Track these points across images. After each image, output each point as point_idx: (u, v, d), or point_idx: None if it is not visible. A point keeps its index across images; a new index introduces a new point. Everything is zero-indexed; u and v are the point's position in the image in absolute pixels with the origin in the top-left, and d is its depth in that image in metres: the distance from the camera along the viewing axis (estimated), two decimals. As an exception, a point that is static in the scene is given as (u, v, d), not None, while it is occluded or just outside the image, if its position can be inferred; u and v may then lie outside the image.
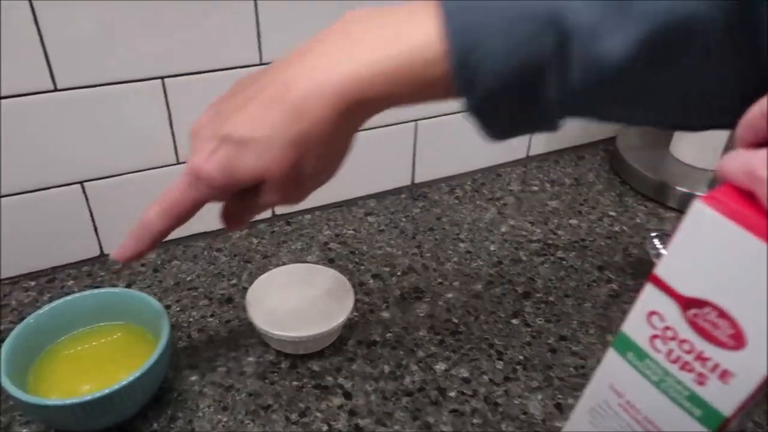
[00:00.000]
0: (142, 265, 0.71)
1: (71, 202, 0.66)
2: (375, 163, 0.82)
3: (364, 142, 0.81)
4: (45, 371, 0.52)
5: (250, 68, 0.68)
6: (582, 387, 0.57)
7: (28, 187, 0.64)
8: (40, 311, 0.53)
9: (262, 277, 0.62)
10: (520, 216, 0.82)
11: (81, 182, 0.66)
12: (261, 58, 0.68)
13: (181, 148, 0.69)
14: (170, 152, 0.69)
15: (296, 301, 0.63)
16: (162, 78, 0.64)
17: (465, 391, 0.56)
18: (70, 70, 0.60)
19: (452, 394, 0.56)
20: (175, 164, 0.69)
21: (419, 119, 0.82)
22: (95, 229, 0.69)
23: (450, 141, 0.86)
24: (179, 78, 0.65)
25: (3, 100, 0.58)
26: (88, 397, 0.46)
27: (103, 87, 0.62)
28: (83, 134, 0.63)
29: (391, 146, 0.82)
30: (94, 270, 0.70)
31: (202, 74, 0.66)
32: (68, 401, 0.45)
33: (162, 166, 0.69)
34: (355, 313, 0.64)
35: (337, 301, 0.61)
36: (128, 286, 0.68)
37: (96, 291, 0.56)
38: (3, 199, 0.63)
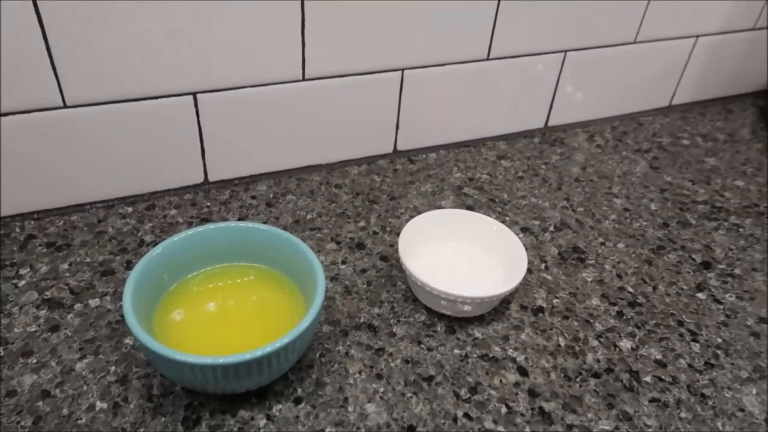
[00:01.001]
0: (253, 197, 0.61)
1: (180, 117, 0.56)
2: (508, 100, 0.71)
3: (502, 73, 0.69)
4: (170, 316, 0.43)
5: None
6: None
7: (133, 94, 0.53)
8: (170, 241, 0.43)
9: (413, 222, 0.52)
10: (677, 173, 0.70)
11: (193, 93, 0.55)
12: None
13: (310, 62, 0.57)
14: (297, 66, 0.57)
15: (455, 253, 0.53)
16: (300, -29, 0.52)
17: (662, 377, 0.47)
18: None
19: (648, 379, 0.46)
20: (300, 80, 0.58)
21: (570, 50, 0.69)
22: (202, 152, 0.59)
23: (592, 80, 0.74)
24: (319, -28, 0.53)
25: (116, -18, 0.47)
26: (238, 358, 0.36)
27: (232, -25, 0.50)
28: (203, 36, 0.52)
29: (530, 81, 0.70)
30: (198, 199, 0.60)
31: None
32: (217, 360, 0.36)
33: (286, 82, 0.58)
34: (511, 272, 0.54)
35: (502, 257, 0.51)
36: (240, 219, 0.58)
37: (231, 224, 0.46)
38: (102, 106, 0.52)
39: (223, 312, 0.44)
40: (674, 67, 0.79)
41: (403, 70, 0.62)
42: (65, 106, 0.51)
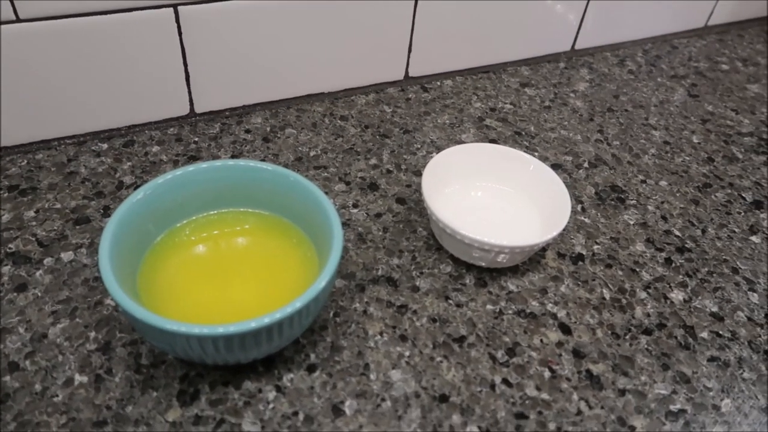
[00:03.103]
0: (247, 131, 0.53)
1: (159, 34, 0.47)
2: (533, 18, 0.62)
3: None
4: (158, 272, 0.36)
5: None
6: None
7: (101, 6, 0.44)
8: (154, 183, 0.36)
9: (436, 159, 0.45)
10: (718, 101, 0.63)
11: (174, 5, 0.46)
12: None
13: (309, -32, 0.49)
14: (295, -27, 0.48)
15: (486, 194, 0.46)
16: None
17: (720, 332, 0.41)
18: None
19: (704, 335, 0.41)
20: (299, -9, 0.50)
21: (606, -41, 0.61)
22: (186, 78, 0.51)
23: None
24: None
25: None
26: (243, 327, 0.30)
27: None
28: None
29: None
30: (184, 133, 0.52)
31: None
32: (218, 330, 0.30)
33: (282, -7, 0.49)
34: (543, 215, 0.48)
35: (539, 198, 0.45)
36: (233, 157, 0.50)
37: (228, 163, 0.38)
38: (63, 21, 0.44)
39: (220, 267, 0.37)
40: (715, -19, 0.70)
41: (418, -20, 0.53)
42: (18, 20, 0.42)
